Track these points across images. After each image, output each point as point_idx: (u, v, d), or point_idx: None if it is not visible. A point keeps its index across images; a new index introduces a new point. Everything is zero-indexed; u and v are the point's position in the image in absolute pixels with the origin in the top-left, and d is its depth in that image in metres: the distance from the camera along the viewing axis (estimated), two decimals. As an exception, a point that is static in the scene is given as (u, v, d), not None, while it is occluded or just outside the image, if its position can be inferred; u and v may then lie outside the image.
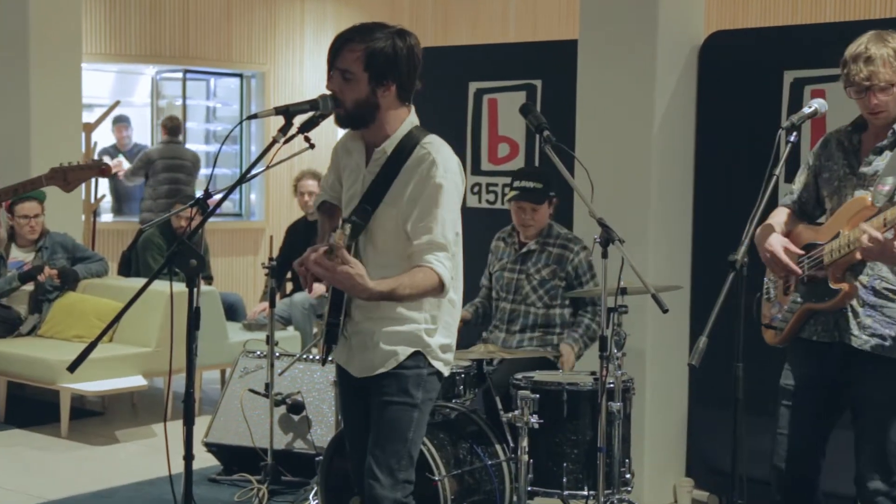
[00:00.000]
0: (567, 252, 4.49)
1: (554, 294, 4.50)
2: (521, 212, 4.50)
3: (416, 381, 2.90)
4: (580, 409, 3.96)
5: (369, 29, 2.84)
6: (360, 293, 2.70)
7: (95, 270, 6.73)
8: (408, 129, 2.91)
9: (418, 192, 2.82)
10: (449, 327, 2.98)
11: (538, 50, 5.89)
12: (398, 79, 2.85)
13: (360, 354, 2.95)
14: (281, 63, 10.09)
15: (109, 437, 5.93)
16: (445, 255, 2.82)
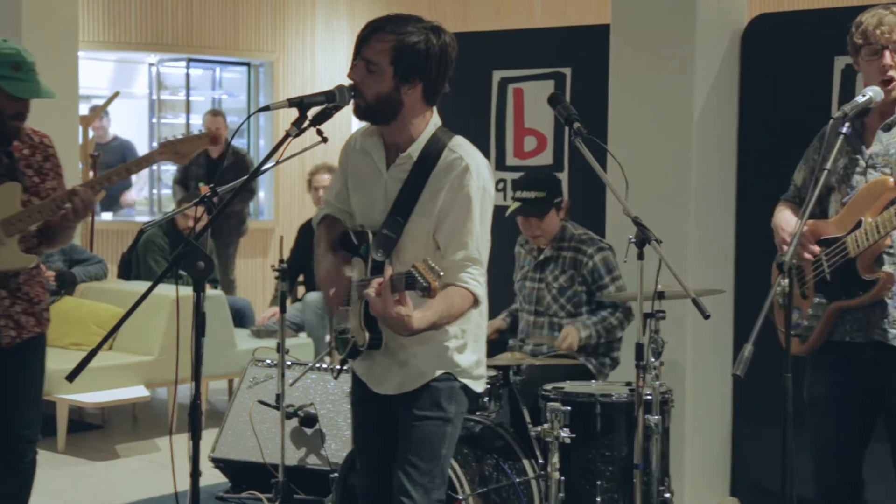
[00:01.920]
0: (580, 255, 4.49)
1: (577, 301, 4.49)
2: (527, 224, 4.51)
3: (448, 394, 2.92)
4: (615, 423, 3.95)
5: (403, 20, 2.85)
6: (403, 332, 2.76)
7: (94, 273, 6.76)
8: (432, 131, 2.91)
9: (450, 202, 2.85)
10: (478, 339, 3.00)
11: (567, 35, 5.88)
12: (426, 79, 2.85)
13: (385, 371, 2.96)
14: (291, 51, 10.11)
15: (109, 452, 5.96)
16: (480, 270, 2.87)
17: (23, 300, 3.64)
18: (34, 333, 3.68)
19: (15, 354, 3.63)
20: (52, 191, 3.66)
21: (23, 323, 3.64)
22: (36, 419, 3.74)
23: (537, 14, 9.59)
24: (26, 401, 3.69)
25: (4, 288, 3.59)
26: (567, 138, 5.44)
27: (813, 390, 3.28)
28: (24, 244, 3.61)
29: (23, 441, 3.67)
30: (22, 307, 3.64)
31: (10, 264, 3.57)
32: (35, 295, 3.68)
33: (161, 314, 6.17)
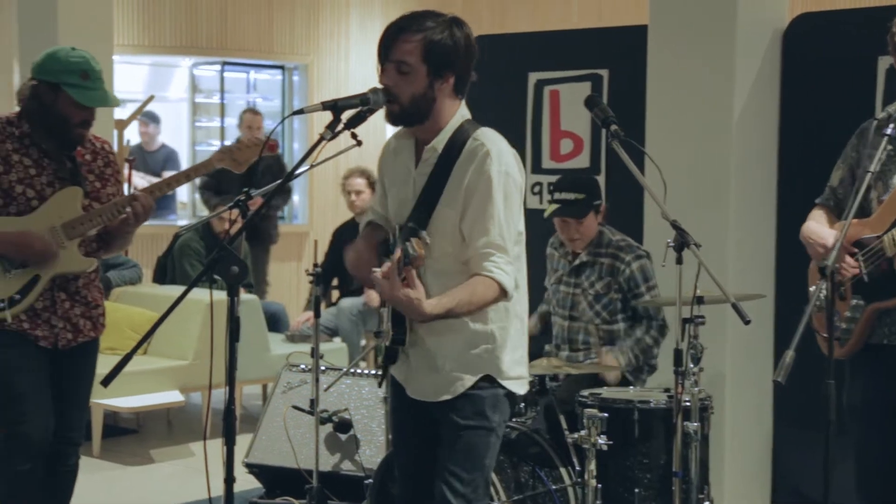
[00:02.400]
0: (618, 262, 4.46)
1: (612, 309, 4.47)
2: (565, 226, 4.49)
3: (492, 402, 2.89)
4: (653, 430, 3.93)
5: (423, 17, 2.85)
6: (417, 317, 2.75)
7: (129, 277, 6.82)
8: (459, 122, 2.90)
9: (472, 188, 2.81)
10: (515, 337, 2.95)
11: (604, 36, 5.87)
12: (457, 71, 2.86)
13: (422, 376, 2.94)
14: (325, 54, 10.15)
15: (144, 457, 6.01)
16: (505, 258, 2.81)
17: (81, 303, 3.72)
18: (89, 338, 3.76)
19: (69, 357, 3.71)
20: (111, 196, 3.74)
21: (80, 326, 3.72)
22: (82, 423, 3.83)
23: (574, 15, 9.56)
24: (75, 404, 3.77)
25: (64, 291, 3.67)
26: (604, 141, 5.42)
27: (852, 397, 3.26)
28: (83, 248, 3.69)
29: (68, 443, 3.74)
30: (80, 310, 3.72)
31: (71, 267, 3.65)
32: (93, 299, 3.77)
33: (195, 319, 6.21)
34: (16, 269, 3.58)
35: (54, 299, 3.65)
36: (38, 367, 3.64)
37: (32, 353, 3.62)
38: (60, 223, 3.61)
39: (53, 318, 3.65)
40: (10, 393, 3.59)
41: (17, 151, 3.58)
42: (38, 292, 3.61)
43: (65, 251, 3.62)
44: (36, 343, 3.62)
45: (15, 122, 3.62)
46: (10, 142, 3.58)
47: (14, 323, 3.58)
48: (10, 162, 3.56)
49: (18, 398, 3.58)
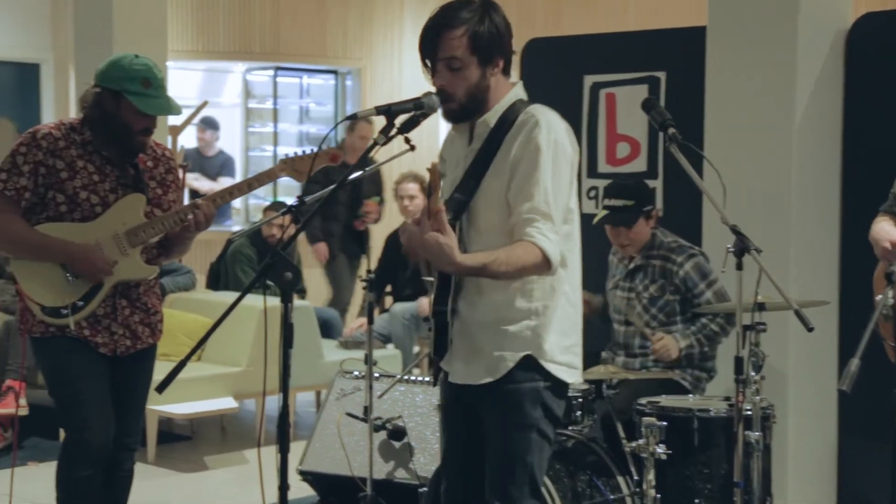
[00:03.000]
0: (669, 264, 4.44)
1: (669, 311, 4.44)
2: (615, 233, 4.49)
3: (532, 396, 2.84)
4: (713, 439, 3.89)
5: (456, 9, 2.85)
6: (447, 265, 2.69)
7: (182, 284, 6.89)
8: (513, 100, 2.90)
9: (519, 156, 2.79)
10: (564, 321, 2.88)
11: (661, 38, 5.83)
12: (505, 53, 2.87)
13: (464, 358, 2.91)
14: (378, 57, 10.20)
15: (198, 464, 6.06)
16: (550, 226, 2.75)
17: (141, 310, 3.78)
18: (147, 344, 3.81)
19: (127, 364, 3.76)
20: (173, 203, 3.81)
21: (139, 333, 3.77)
22: (138, 429, 3.89)
23: (630, 16, 9.52)
24: (132, 410, 3.83)
25: (125, 298, 3.73)
26: (661, 144, 5.39)
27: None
28: (144, 255, 3.75)
29: (124, 449, 3.80)
30: (139, 317, 3.77)
31: (133, 274, 3.71)
32: (152, 305, 3.83)
33: (249, 325, 6.26)
34: (78, 276, 3.64)
35: (115, 306, 3.71)
36: (101, 374, 3.70)
37: (94, 359, 3.68)
38: (123, 230, 3.67)
39: (114, 324, 3.71)
40: (73, 399, 3.65)
41: (81, 158, 3.64)
42: (101, 299, 3.67)
43: (127, 259, 3.68)
44: (96, 350, 3.68)
45: (78, 128, 3.68)
46: (74, 148, 3.64)
47: (76, 329, 3.64)
48: (75, 168, 3.62)
49: (82, 404, 3.64)
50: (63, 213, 3.63)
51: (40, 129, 3.65)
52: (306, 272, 8.46)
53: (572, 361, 2.91)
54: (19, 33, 9.99)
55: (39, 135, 3.62)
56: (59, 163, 3.60)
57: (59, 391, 3.71)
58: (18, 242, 3.64)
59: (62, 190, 3.61)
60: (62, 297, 3.63)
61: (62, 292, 3.63)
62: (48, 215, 3.64)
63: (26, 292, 3.65)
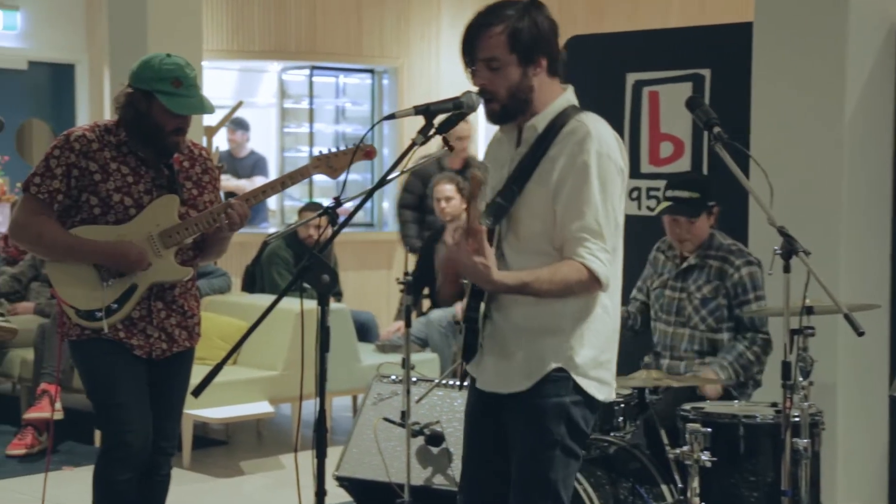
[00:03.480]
0: (727, 266, 4.40)
1: (719, 315, 4.41)
2: (676, 225, 4.44)
3: (556, 412, 2.81)
4: (760, 446, 3.87)
5: (499, 8, 2.85)
6: (485, 284, 2.71)
7: (218, 286, 6.94)
8: (563, 105, 2.88)
9: (568, 168, 2.77)
10: (601, 335, 2.86)
11: (706, 35, 5.80)
12: (548, 52, 2.85)
13: (493, 365, 2.90)
14: (416, 56, 10.21)
15: (234, 469, 6.10)
16: (601, 245, 2.74)
17: (177, 313, 3.80)
18: (184, 347, 3.83)
19: (164, 367, 3.79)
20: (209, 203, 3.82)
21: (175, 336, 3.79)
22: (175, 432, 3.91)
23: (674, 13, 9.47)
24: (169, 414, 3.85)
25: (161, 300, 3.76)
26: (706, 144, 5.36)
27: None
28: (180, 256, 3.77)
29: (161, 453, 3.82)
30: (176, 320, 3.79)
31: (167, 276, 3.73)
32: (189, 308, 3.84)
33: (285, 328, 6.29)
34: (113, 279, 3.67)
35: (150, 309, 3.73)
36: (138, 376, 3.72)
37: (131, 360, 3.70)
38: (157, 231, 3.69)
39: (149, 327, 3.73)
40: (112, 401, 3.68)
41: (115, 160, 3.67)
42: (135, 301, 3.69)
43: (161, 260, 3.70)
44: (132, 352, 3.71)
45: (113, 129, 3.71)
46: (108, 150, 3.67)
47: (110, 332, 3.67)
48: (108, 170, 3.65)
49: (121, 406, 3.67)
50: (97, 215, 3.66)
51: (74, 132, 3.69)
52: (342, 275, 8.51)
53: (604, 377, 2.88)
54: (54, 34, 10.11)
55: (72, 137, 3.66)
56: (92, 165, 3.63)
57: (96, 394, 3.75)
58: (51, 245, 3.68)
59: (95, 192, 3.64)
60: (96, 299, 3.66)
61: (96, 295, 3.66)
62: (82, 218, 3.67)
63: (61, 295, 3.69)
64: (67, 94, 10.36)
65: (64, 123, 10.03)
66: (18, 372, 6.71)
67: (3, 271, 7.08)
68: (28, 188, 3.65)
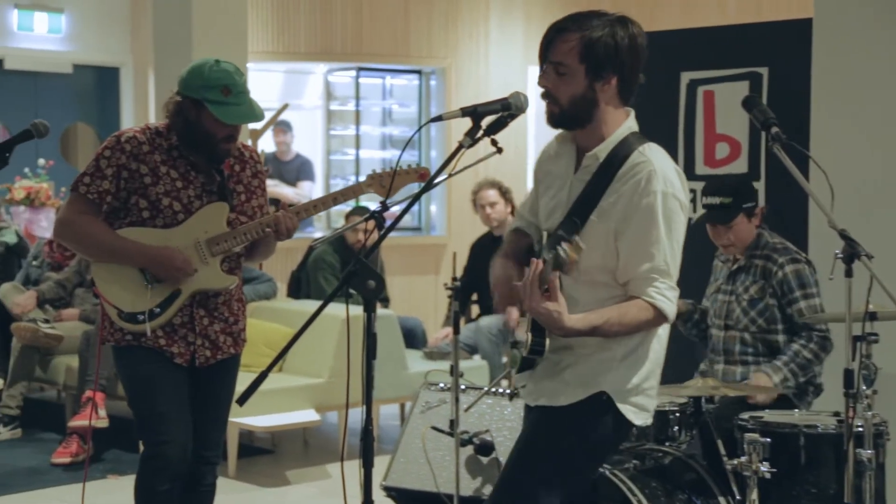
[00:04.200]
0: (770, 264, 4.38)
1: (770, 316, 4.37)
2: (715, 232, 4.45)
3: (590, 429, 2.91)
4: (821, 457, 3.82)
5: (585, 16, 2.86)
6: (557, 331, 2.77)
7: (263, 292, 6.98)
8: (625, 134, 2.90)
9: (634, 208, 2.82)
10: (652, 363, 2.95)
11: (763, 31, 5.75)
12: (620, 72, 2.85)
13: (541, 381, 2.97)
14: (463, 57, 10.22)
15: (280, 479, 6.13)
16: (668, 283, 2.83)
17: (220, 320, 3.82)
18: (229, 354, 3.85)
19: (208, 374, 3.81)
20: (258, 209, 3.85)
21: (219, 343, 3.81)
22: (220, 441, 3.93)
23: (730, 9, 9.40)
24: (214, 423, 3.87)
25: (203, 307, 3.78)
26: (764, 144, 5.32)
27: None
28: (227, 264, 3.79)
29: (206, 463, 3.85)
30: (219, 327, 3.81)
31: (212, 284, 3.76)
32: (233, 314, 3.86)
33: (331, 335, 6.31)
34: (157, 283, 3.70)
35: (193, 315, 3.76)
36: (179, 385, 3.75)
37: (172, 369, 3.73)
38: (205, 238, 3.72)
39: (191, 334, 3.75)
40: (152, 411, 3.72)
41: (165, 163, 3.70)
42: (178, 307, 3.72)
43: (207, 268, 3.73)
44: (172, 360, 3.74)
45: (164, 133, 3.74)
46: (158, 153, 3.70)
47: (151, 338, 3.70)
48: (159, 174, 3.69)
49: (160, 417, 3.70)
50: (145, 219, 3.70)
51: (125, 133, 3.72)
52: (389, 280, 8.53)
53: (644, 404, 2.96)
54: (99, 37, 10.25)
55: (124, 138, 3.69)
56: (142, 167, 3.67)
57: (136, 403, 3.78)
58: (97, 245, 3.72)
59: (145, 195, 3.68)
60: (140, 302, 3.69)
61: (140, 298, 3.69)
62: (131, 220, 3.71)
63: (104, 296, 3.72)
64: (112, 98, 10.49)
65: (108, 127, 10.16)
66: (63, 379, 6.80)
67: (49, 277, 7.16)
68: (77, 188, 3.69)
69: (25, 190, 8.76)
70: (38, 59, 9.99)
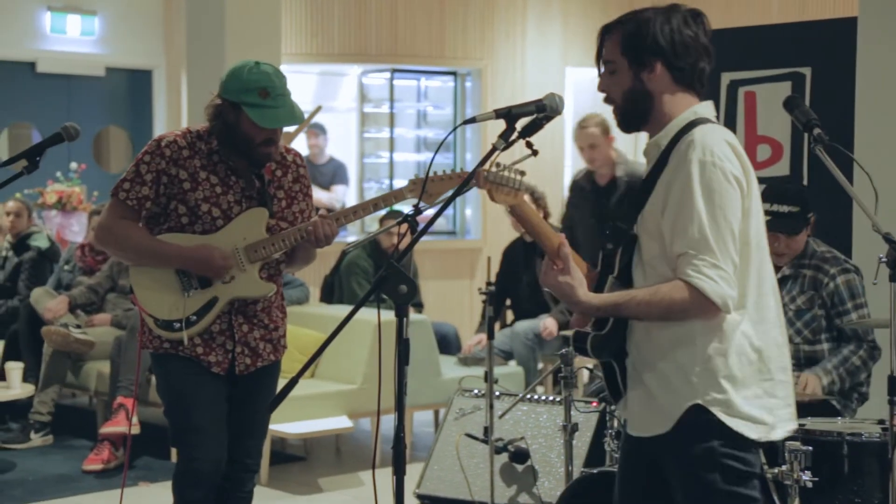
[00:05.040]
0: (821, 275, 4.33)
1: (816, 327, 4.34)
2: (775, 240, 4.38)
3: (705, 460, 2.68)
4: (865, 466, 3.78)
5: (633, 12, 2.83)
6: (572, 305, 2.73)
7: (296, 297, 7.01)
8: (689, 118, 2.76)
9: (671, 183, 2.68)
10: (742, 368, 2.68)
11: (807, 31, 5.72)
12: (663, 56, 2.76)
13: (637, 406, 2.82)
14: (500, 58, 10.22)
15: (312, 486, 6.14)
16: (710, 261, 2.60)
17: (260, 327, 3.83)
18: (269, 361, 3.86)
19: (248, 382, 3.82)
20: (299, 213, 3.85)
21: (259, 350, 3.82)
22: (259, 449, 3.95)
23: (773, 7, 9.35)
24: (253, 430, 3.89)
25: (242, 314, 3.79)
26: (806, 146, 5.28)
27: None
28: (266, 271, 3.80)
29: (245, 470, 3.88)
30: (259, 333, 3.82)
31: (249, 292, 3.76)
32: (272, 321, 3.86)
33: (364, 340, 6.32)
34: (194, 290, 3.72)
35: (231, 323, 3.77)
36: (215, 395, 3.77)
37: (209, 381, 3.75)
38: (243, 245, 3.73)
39: (229, 342, 3.76)
40: (187, 423, 3.74)
41: (205, 168, 3.71)
42: (215, 315, 3.73)
43: (244, 275, 3.73)
44: (210, 370, 3.75)
45: (205, 136, 3.74)
46: (198, 158, 3.71)
47: (188, 347, 3.72)
48: (198, 179, 3.70)
49: (196, 430, 3.72)
50: (184, 224, 3.72)
51: (165, 137, 3.73)
52: (423, 284, 8.55)
53: (755, 415, 2.69)
54: (132, 40, 10.34)
55: (164, 143, 3.71)
56: (182, 173, 3.68)
57: (171, 413, 3.81)
58: (137, 248, 3.73)
59: (184, 201, 3.69)
60: (176, 310, 3.71)
61: (177, 306, 3.71)
62: (169, 226, 3.73)
63: (142, 304, 3.75)
64: (145, 101, 10.57)
65: (141, 130, 10.26)
66: (95, 385, 6.85)
67: (80, 282, 7.23)
68: (117, 193, 3.72)
69: (57, 194, 8.85)
70: (71, 62, 10.09)
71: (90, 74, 10.23)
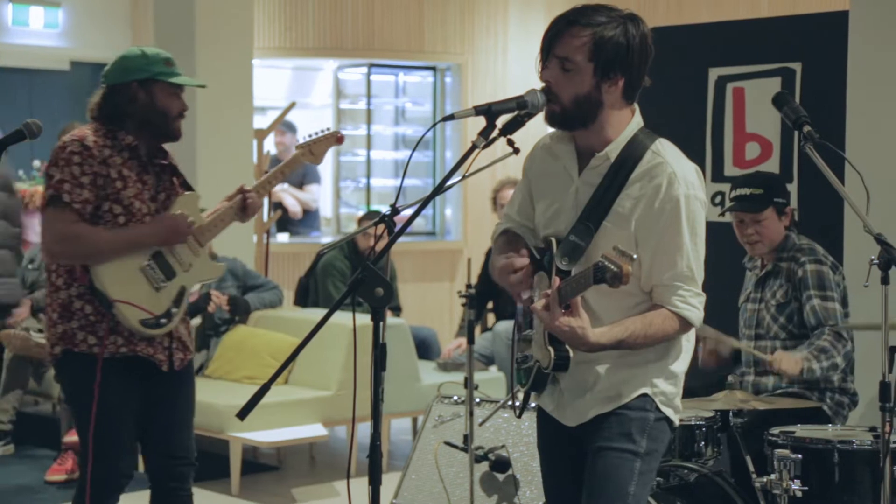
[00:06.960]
0: (794, 265, 4.36)
1: (799, 320, 4.36)
2: (742, 226, 4.43)
3: (640, 424, 2.91)
4: (855, 475, 3.81)
5: (595, 10, 2.86)
6: (581, 347, 2.80)
7: (269, 300, 7.00)
8: (633, 131, 2.91)
9: (657, 215, 2.83)
10: (680, 364, 3.00)
11: (796, 25, 5.75)
12: (628, 73, 2.85)
13: (575, 399, 2.97)
14: (481, 52, 10.24)
15: (285, 496, 6.14)
16: (693, 290, 2.87)
17: (184, 320, 3.93)
18: (191, 352, 3.98)
19: (178, 376, 3.90)
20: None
21: (187, 344, 3.94)
22: (193, 442, 3.98)
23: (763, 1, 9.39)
24: (188, 422, 3.96)
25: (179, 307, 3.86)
26: (796, 144, 5.31)
27: None
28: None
29: (188, 464, 3.93)
30: (184, 327, 3.94)
31: (208, 275, 3.99)
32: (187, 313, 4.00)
33: (339, 345, 6.32)
34: (163, 282, 3.79)
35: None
36: (133, 403, 3.82)
37: (134, 387, 3.80)
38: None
39: (166, 338, 3.84)
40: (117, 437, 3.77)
41: (125, 165, 3.77)
42: (187, 302, 3.84)
43: (199, 259, 3.89)
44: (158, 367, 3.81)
45: (117, 133, 3.78)
46: (118, 156, 3.75)
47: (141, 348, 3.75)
48: (123, 176, 3.74)
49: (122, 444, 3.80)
50: (122, 224, 3.73)
51: (86, 136, 3.73)
52: (402, 287, 8.55)
53: (679, 406, 3.01)
54: (98, 32, 10.30)
55: (88, 143, 3.71)
56: (112, 172, 3.73)
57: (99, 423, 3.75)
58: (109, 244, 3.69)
59: (118, 200, 3.72)
60: (158, 305, 3.78)
61: (158, 302, 3.78)
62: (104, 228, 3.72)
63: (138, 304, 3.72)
64: (111, 96, 10.52)
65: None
66: (58, 392, 6.81)
67: (42, 284, 7.19)
68: (60, 197, 3.65)
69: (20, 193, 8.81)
70: (34, 56, 10.05)
71: (54, 69, 10.19)
